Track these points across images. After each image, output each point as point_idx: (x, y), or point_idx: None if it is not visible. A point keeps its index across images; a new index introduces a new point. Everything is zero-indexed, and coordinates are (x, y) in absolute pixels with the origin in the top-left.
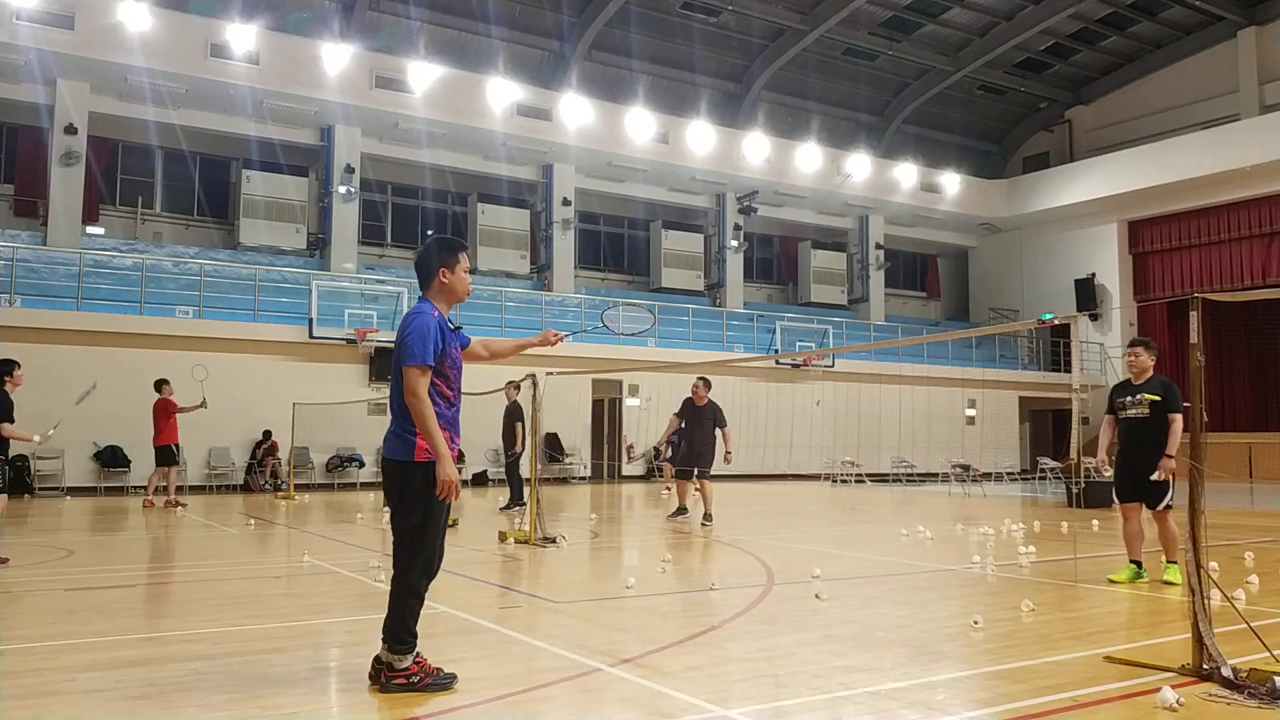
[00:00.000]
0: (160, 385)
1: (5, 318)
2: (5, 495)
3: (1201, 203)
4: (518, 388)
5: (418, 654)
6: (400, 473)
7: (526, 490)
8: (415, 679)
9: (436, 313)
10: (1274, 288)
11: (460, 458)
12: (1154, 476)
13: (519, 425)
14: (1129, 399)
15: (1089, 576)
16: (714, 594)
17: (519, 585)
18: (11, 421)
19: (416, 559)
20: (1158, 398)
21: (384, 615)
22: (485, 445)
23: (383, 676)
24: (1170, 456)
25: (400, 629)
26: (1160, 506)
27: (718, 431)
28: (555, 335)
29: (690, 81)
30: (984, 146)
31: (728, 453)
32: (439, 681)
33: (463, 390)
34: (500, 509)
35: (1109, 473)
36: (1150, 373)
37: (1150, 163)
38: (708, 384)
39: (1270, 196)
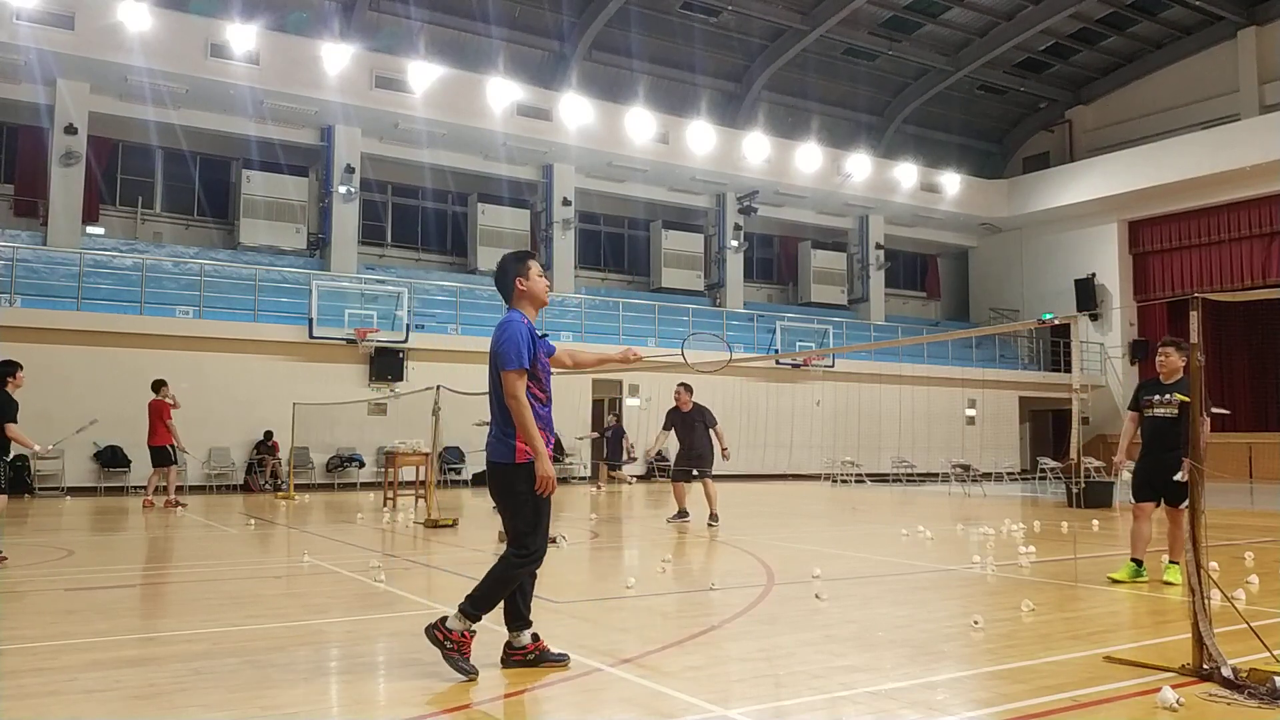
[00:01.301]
0: (157, 386)
1: (5, 318)
2: (5, 495)
3: (1201, 203)
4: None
5: (473, 631)
6: (504, 475)
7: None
8: (448, 645)
9: (525, 320)
10: (1274, 288)
11: (558, 449)
12: (1178, 476)
13: None
14: (1158, 398)
15: (1089, 576)
16: (714, 594)
17: None
18: (15, 422)
19: (526, 553)
20: (1188, 399)
21: (388, 616)
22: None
23: (438, 631)
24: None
25: (483, 602)
26: (1182, 505)
27: (711, 432)
28: (634, 354)
29: (690, 81)
30: (984, 146)
31: (724, 449)
32: (462, 665)
33: (471, 392)
34: (494, 509)
35: (1127, 474)
36: (1180, 374)
37: (1150, 163)
38: (689, 389)
39: (1270, 196)
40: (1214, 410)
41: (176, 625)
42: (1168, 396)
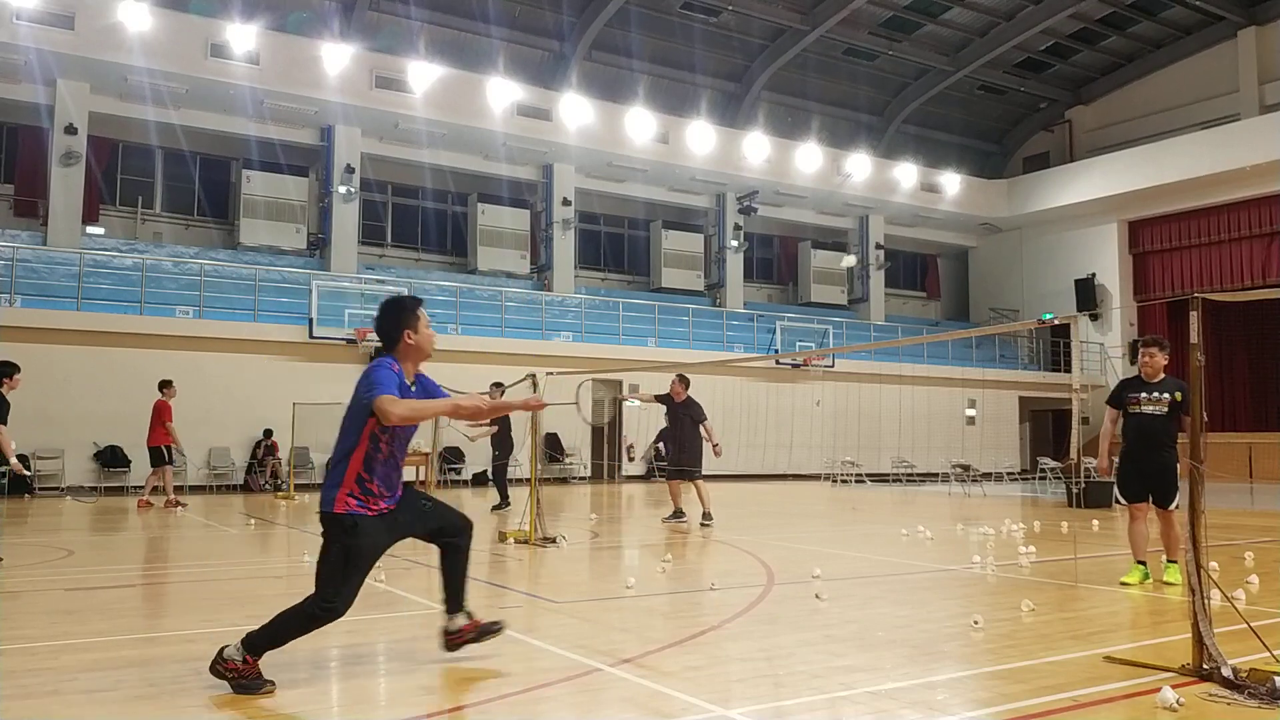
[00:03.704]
0: (162, 387)
1: (5, 318)
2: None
3: (1201, 203)
4: (503, 390)
5: (256, 658)
6: (325, 523)
7: (513, 492)
8: (231, 675)
9: (397, 367)
10: (1274, 288)
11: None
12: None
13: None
14: (1144, 395)
15: (1089, 576)
16: (714, 594)
17: (519, 585)
18: (5, 424)
19: (328, 605)
20: (1177, 397)
21: (388, 616)
22: (487, 446)
23: (221, 665)
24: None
25: (268, 641)
26: (1171, 506)
27: (701, 428)
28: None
29: (690, 81)
30: (984, 146)
31: (714, 445)
32: (254, 684)
33: (464, 392)
34: (492, 509)
35: (1110, 476)
36: (1163, 373)
37: (1150, 163)
38: (685, 381)
39: (1270, 196)
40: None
41: (176, 625)
42: (1156, 394)
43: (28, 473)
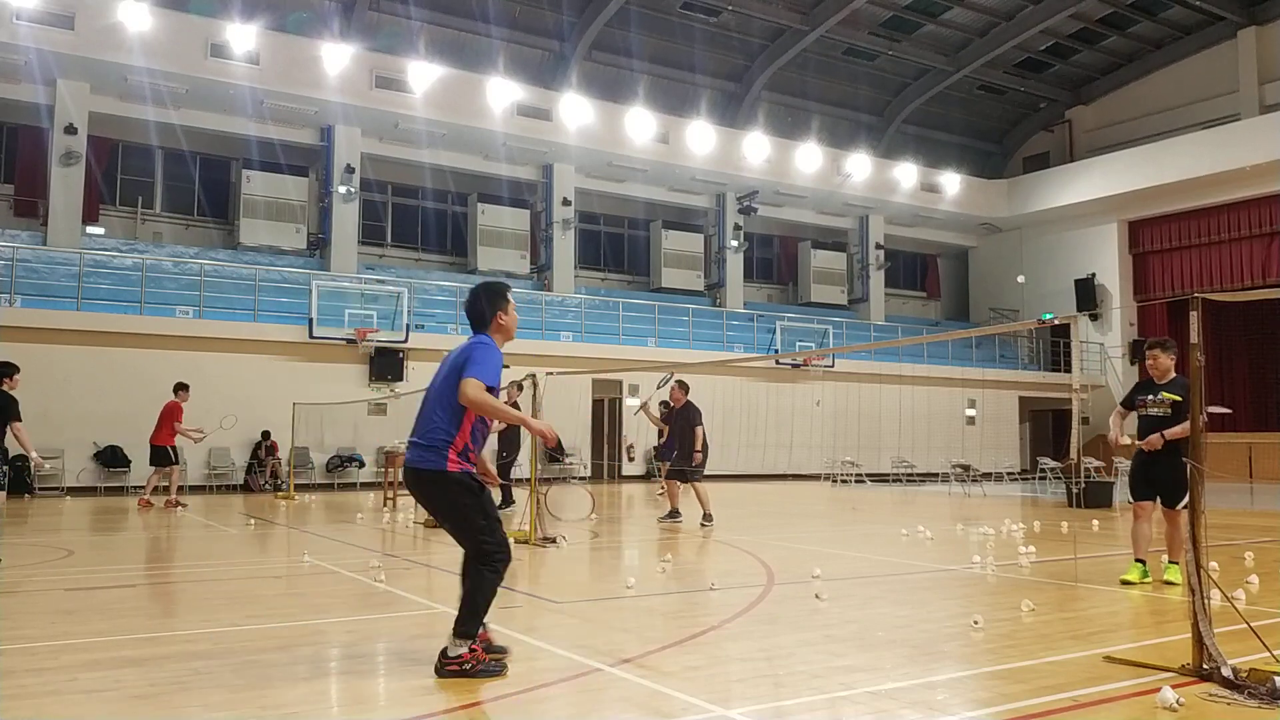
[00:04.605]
0: (176, 389)
1: (5, 318)
2: (4, 493)
3: (1201, 203)
4: (520, 388)
5: (476, 644)
6: (437, 483)
7: (516, 493)
8: (467, 666)
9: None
10: (1274, 288)
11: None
12: (1140, 442)
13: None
14: (1150, 397)
15: (1089, 576)
16: (714, 594)
17: (519, 585)
18: (21, 420)
19: (498, 555)
20: (1179, 398)
21: (388, 616)
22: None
23: (449, 665)
24: (1163, 436)
25: (471, 620)
26: (1180, 506)
27: (694, 431)
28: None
29: (690, 81)
30: (984, 146)
31: (695, 451)
32: (489, 669)
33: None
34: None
35: (1126, 440)
36: (1172, 373)
37: (1150, 163)
38: (684, 386)
39: (1270, 196)
40: (1213, 410)
41: (176, 625)
42: (1159, 396)
43: (45, 465)
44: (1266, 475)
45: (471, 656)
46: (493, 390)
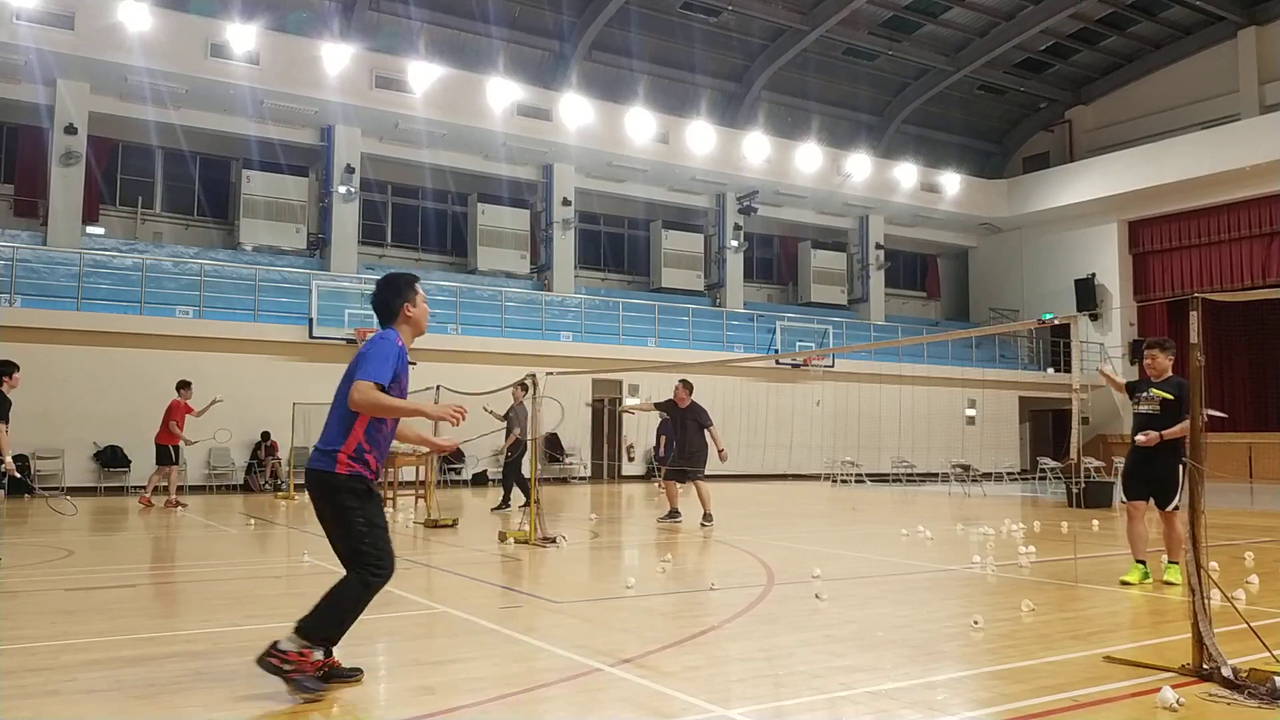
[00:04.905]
0: (179, 387)
1: (5, 318)
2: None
3: (1201, 203)
4: (525, 388)
5: (311, 649)
6: (327, 484)
7: (518, 491)
8: (286, 668)
9: (400, 341)
10: (1274, 288)
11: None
12: (1139, 438)
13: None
14: (1143, 394)
15: (1089, 576)
16: (714, 594)
17: (519, 585)
18: (6, 422)
19: (380, 569)
20: (1170, 396)
21: (388, 616)
22: (488, 446)
23: (271, 658)
24: (1160, 435)
25: (321, 626)
26: (1170, 507)
27: (706, 433)
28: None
29: (690, 81)
30: (984, 146)
31: (721, 450)
32: (305, 684)
33: (471, 391)
34: (492, 510)
35: (1120, 379)
36: (1169, 373)
37: (1150, 163)
38: (689, 386)
39: (1270, 196)
40: (1210, 414)
41: (176, 625)
42: (1149, 393)
43: (18, 475)
44: (1266, 475)
45: (300, 661)
46: (396, 381)
